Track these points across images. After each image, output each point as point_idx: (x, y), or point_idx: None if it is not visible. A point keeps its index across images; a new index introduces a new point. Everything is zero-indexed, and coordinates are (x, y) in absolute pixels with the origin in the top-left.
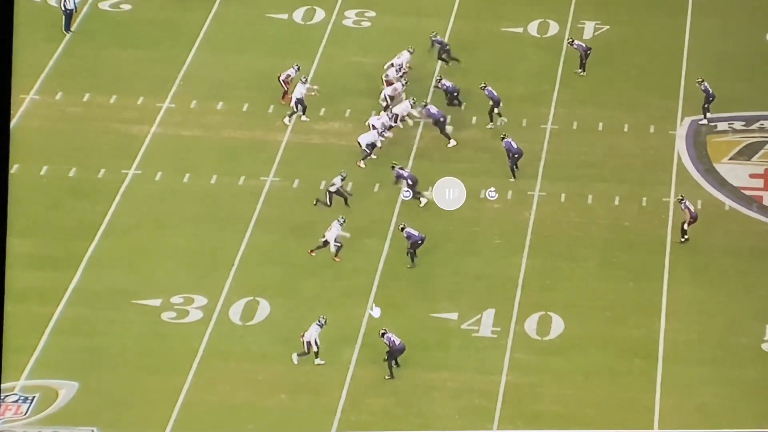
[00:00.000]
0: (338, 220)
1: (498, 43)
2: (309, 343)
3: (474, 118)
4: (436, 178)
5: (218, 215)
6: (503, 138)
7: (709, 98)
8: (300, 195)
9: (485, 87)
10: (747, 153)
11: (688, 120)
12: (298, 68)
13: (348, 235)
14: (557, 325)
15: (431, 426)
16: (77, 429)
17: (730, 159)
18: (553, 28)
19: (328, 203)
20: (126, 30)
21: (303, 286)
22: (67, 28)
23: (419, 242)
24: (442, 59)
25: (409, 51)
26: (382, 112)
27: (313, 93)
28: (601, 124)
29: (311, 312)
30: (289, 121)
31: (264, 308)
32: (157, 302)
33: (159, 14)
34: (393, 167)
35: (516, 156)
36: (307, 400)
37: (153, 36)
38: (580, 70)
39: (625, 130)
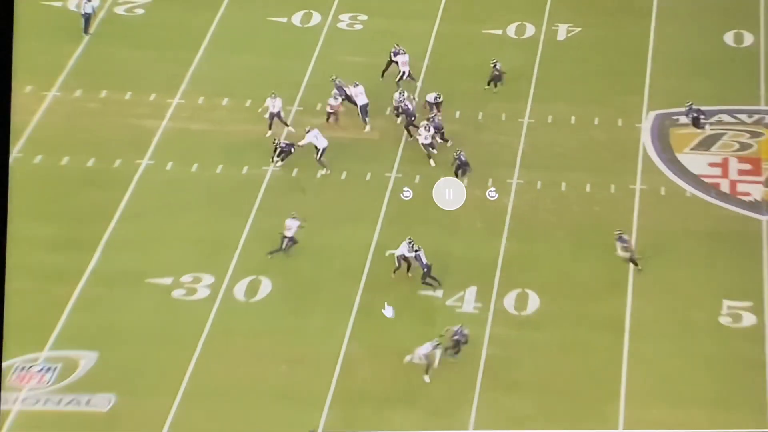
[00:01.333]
0: (407, 241)
1: (480, 44)
2: (427, 355)
3: (457, 113)
4: (427, 176)
5: (224, 202)
6: (459, 153)
7: (700, 116)
8: (298, 183)
9: (402, 98)
10: (706, 144)
11: (652, 114)
12: (340, 98)
13: (428, 263)
14: (533, 302)
15: (419, 394)
16: (97, 395)
17: (691, 149)
18: (530, 30)
19: (282, 248)
20: (139, 32)
21: (301, 266)
22: (86, 30)
23: (425, 269)
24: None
25: (399, 52)
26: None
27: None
28: (573, 118)
29: (309, 290)
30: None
31: (266, 286)
32: (168, 281)
33: (169, 18)
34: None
35: (465, 167)
36: (306, 370)
37: (164, 38)
38: (493, 88)
39: (596, 123)
